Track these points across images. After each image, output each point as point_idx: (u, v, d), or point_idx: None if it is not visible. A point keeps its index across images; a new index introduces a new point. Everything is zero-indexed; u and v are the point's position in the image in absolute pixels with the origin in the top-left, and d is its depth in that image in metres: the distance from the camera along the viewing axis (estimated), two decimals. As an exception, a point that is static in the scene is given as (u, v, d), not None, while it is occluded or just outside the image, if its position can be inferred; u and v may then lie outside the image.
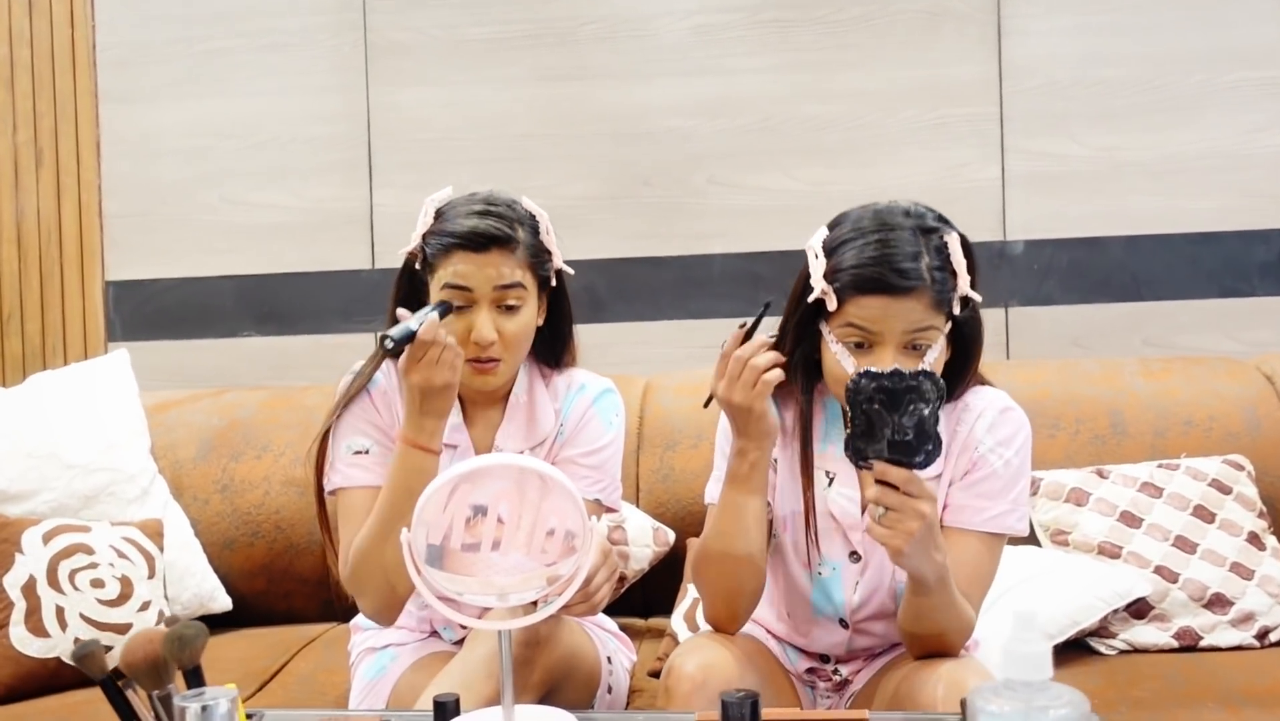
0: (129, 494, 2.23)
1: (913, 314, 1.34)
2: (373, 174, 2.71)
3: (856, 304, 1.36)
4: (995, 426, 1.47)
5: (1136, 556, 1.96)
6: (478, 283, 1.52)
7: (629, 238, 2.64)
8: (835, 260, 1.38)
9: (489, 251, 1.52)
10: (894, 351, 1.35)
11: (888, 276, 1.33)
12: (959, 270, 1.38)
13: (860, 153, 2.58)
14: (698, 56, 2.62)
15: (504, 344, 1.54)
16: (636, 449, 2.31)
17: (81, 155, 2.79)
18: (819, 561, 1.50)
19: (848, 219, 1.42)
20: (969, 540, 1.45)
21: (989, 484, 1.45)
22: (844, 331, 1.37)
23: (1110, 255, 2.53)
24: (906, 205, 1.42)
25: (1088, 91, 2.53)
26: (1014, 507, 1.45)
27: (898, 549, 1.26)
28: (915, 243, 1.36)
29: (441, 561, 1.17)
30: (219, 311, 2.75)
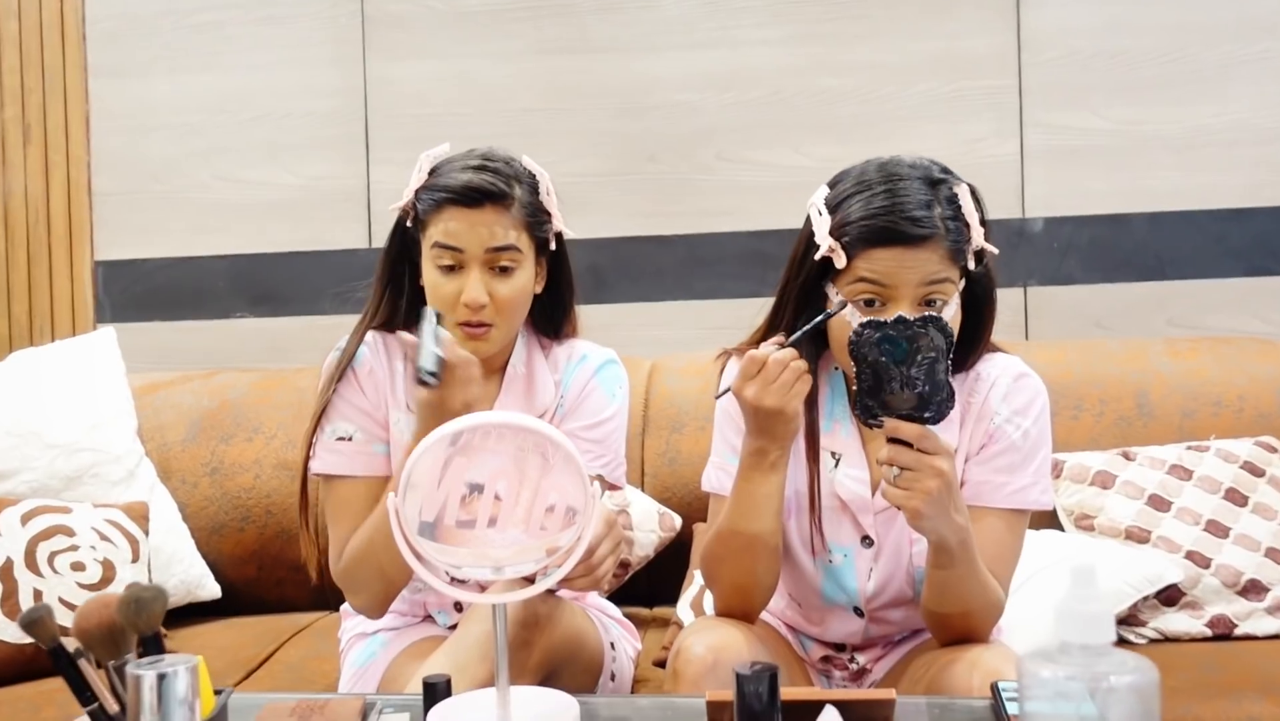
0: (114, 475, 2.14)
1: (928, 265, 1.26)
2: (369, 150, 2.62)
3: (867, 258, 1.27)
4: (1010, 395, 1.38)
5: (1166, 541, 1.86)
6: (468, 242, 1.43)
7: (634, 215, 2.55)
8: (841, 214, 1.29)
9: (482, 208, 1.43)
10: (909, 307, 1.26)
11: (900, 225, 1.25)
12: (971, 221, 1.30)
13: (873, 127, 2.49)
14: (706, 28, 2.53)
15: (496, 308, 1.45)
16: (642, 431, 2.22)
17: (70, 131, 2.71)
18: (826, 549, 1.41)
19: (849, 174, 1.34)
20: (990, 518, 1.36)
21: (1008, 456, 1.36)
22: (855, 288, 1.28)
23: (1133, 233, 2.44)
24: (911, 159, 1.34)
25: (1109, 63, 2.44)
26: (1036, 480, 1.36)
27: (915, 510, 1.18)
28: (925, 191, 1.28)
29: (434, 536, 1.09)
30: (211, 292, 2.67)
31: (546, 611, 1.38)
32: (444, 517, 1.09)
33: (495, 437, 1.12)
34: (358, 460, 1.52)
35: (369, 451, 1.53)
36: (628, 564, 2.07)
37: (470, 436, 1.10)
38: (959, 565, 1.25)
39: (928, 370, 1.16)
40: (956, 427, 1.38)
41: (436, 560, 1.08)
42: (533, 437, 1.09)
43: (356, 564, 1.46)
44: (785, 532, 1.41)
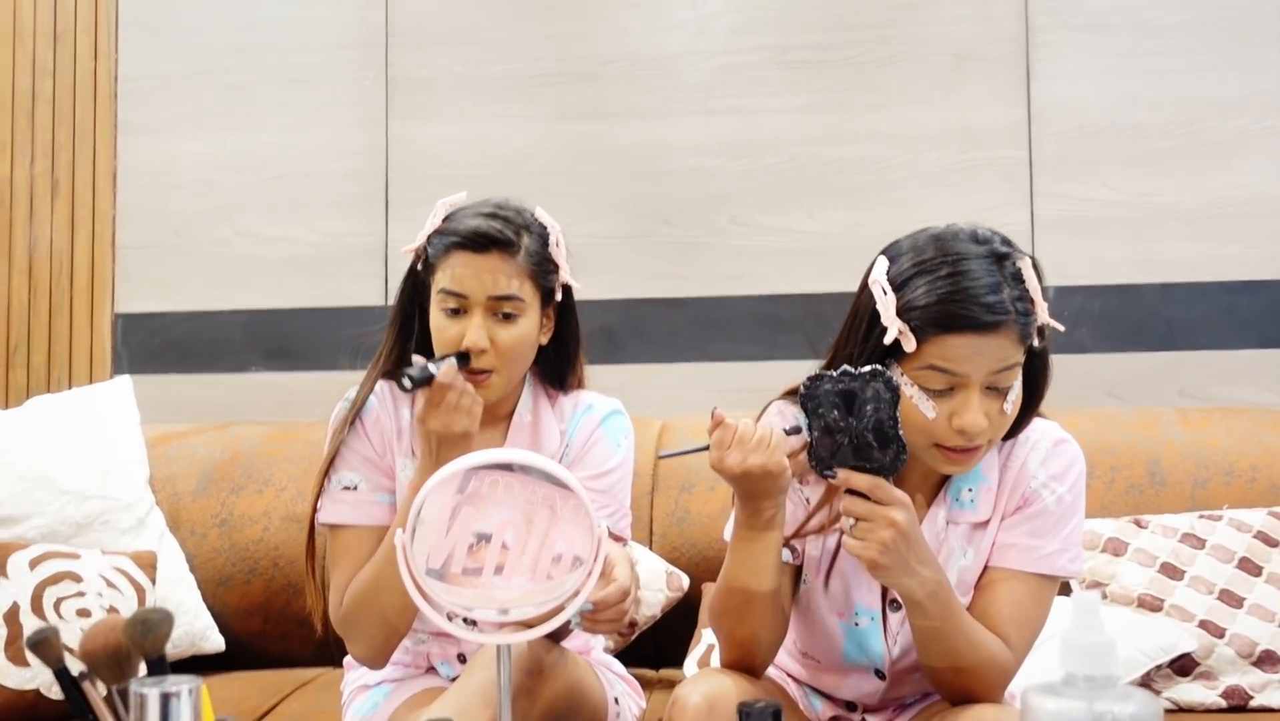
0: (123, 523, 2.15)
1: (1000, 350, 1.23)
2: (389, 209, 2.67)
3: (939, 343, 1.23)
4: (1049, 460, 1.37)
5: (1179, 609, 1.85)
6: (472, 288, 1.46)
7: (648, 277, 2.58)
8: (906, 296, 1.25)
9: (488, 254, 1.46)
10: (979, 394, 1.24)
11: (974, 312, 1.22)
12: (1036, 297, 1.27)
13: (886, 194, 2.53)
14: (721, 95, 2.58)
15: (497, 353, 1.47)
16: (651, 490, 2.22)
17: (98, 186, 2.77)
18: (853, 611, 1.39)
19: (905, 248, 1.30)
20: (1015, 581, 1.34)
21: (1039, 520, 1.35)
22: (923, 374, 1.25)
23: (1145, 303, 2.45)
24: (969, 229, 1.30)
25: (1120, 135, 2.48)
26: (1066, 547, 1.35)
27: (872, 560, 1.19)
28: (993, 271, 1.24)
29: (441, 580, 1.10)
30: (227, 345, 2.70)
31: (550, 661, 1.37)
32: (451, 565, 1.10)
33: (504, 488, 1.13)
34: (362, 510, 1.54)
35: (373, 501, 1.54)
36: (635, 623, 2.06)
37: (479, 485, 1.11)
38: (933, 618, 1.24)
39: (876, 422, 1.17)
40: (994, 491, 1.37)
41: (442, 599, 1.08)
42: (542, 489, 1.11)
43: (358, 607, 1.46)
44: (810, 592, 1.41)
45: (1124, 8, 2.49)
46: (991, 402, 1.25)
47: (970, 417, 1.23)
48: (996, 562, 1.35)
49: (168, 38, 2.75)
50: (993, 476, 1.37)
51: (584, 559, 1.09)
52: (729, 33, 2.59)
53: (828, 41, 2.56)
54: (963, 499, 1.37)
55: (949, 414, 1.25)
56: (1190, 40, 2.46)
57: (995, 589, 1.34)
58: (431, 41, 2.67)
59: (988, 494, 1.36)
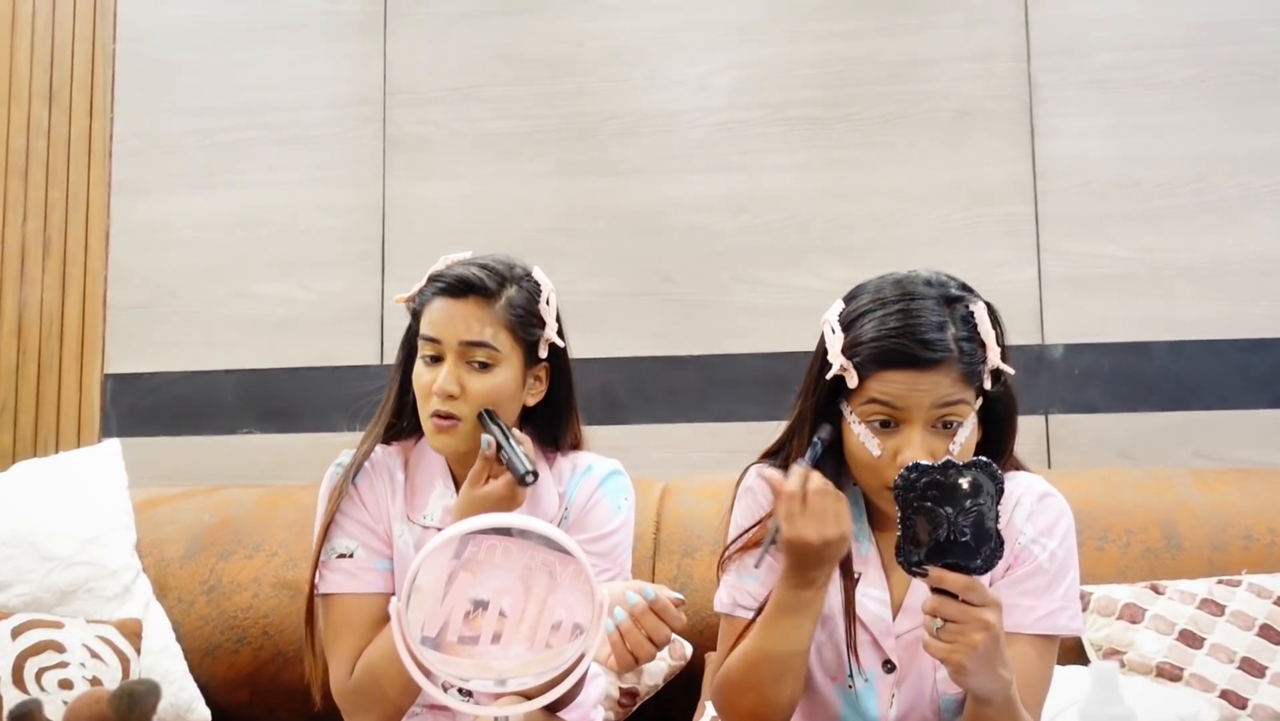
0: (109, 591, 2.13)
1: (940, 387, 1.26)
2: (385, 267, 2.69)
3: (879, 379, 1.28)
4: (1035, 515, 1.37)
5: (1200, 679, 1.82)
6: (445, 333, 1.48)
7: (649, 336, 2.59)
8: (854, 333, 1.30)
9: (466, 300, 1.48)
10: (921, 430, 1.26)
11: (911, 348, 1.26)
12: (988, 341, 1.30)
13: (890, 251, 2.54)
14: (723, 153, 2.61)
15: (466, 400, 1.47)
16: (653, 554, 2.21)
17: (90, 245, 2.79)
18: (847, 674, 1.38)
19: (865, 290, 1.36)
20: (1018, 645, 1.33)
21: (1035, 580, 1.35)
22: (867, 409, 1.29)
23: (1155, 361, 2.46)
24: (927, 274, 1.35)
25: (1126, 192, 2.50)
26: (1065, 605, 1.34)
27: (960, 665, 1.15)
28: (940, 312, 1.29)
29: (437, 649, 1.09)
30: (219, 406, 2.70)
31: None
32: (447, 633, 1.09)
33: (501, 554, 1.12)
34: (360, 577, 1.53)
35: (370, 568, 1.53)
36: (635, 693, 2.03)
37: (476, 550, 1.10)
38: (999, 716, 1.22)
39: (976, 517, 1.14)
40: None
41: (439, 670, 1.07)
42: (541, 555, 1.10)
43: (364, 684, 1.45)
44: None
45: (1128, 63, 2.52)
46: (938, 441, 1.27)
47: (910, 453, 1.25)
48: None
49: (163, 96, 2.78)
50: None
51: (584, 626, 1.08)
52: (730, 90, 2.63)
53: (829, 98, 2.59)
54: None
55: (894, 451, 1.27)
56: (1196, 97, 2.49)
57: None
58: (429, 99, 2.70)
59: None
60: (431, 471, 1.57)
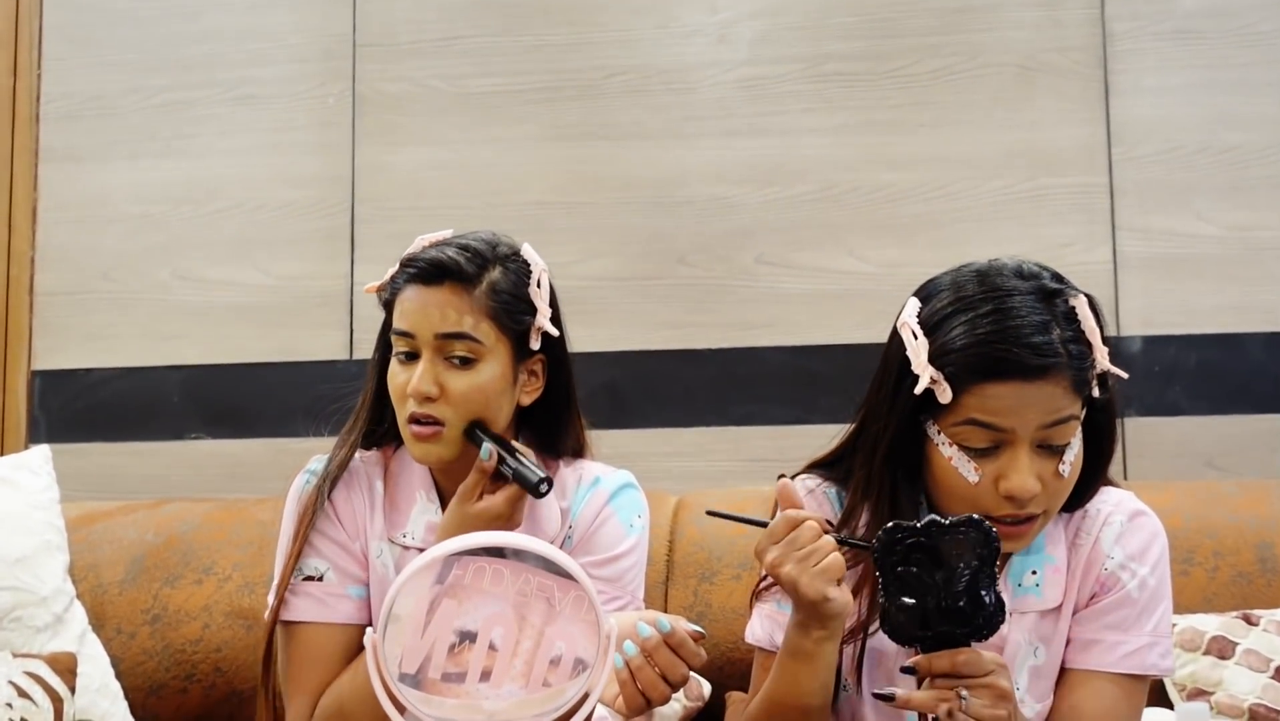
0: (38, 620, 2.15)
1: (1051, 400, 1.26)
2: (355, 247, 2.70)
3: (978, 394, 1.26)
4: (1124, 537, 1.39)
5: (1300, 723, 1.84)
6: (419, 326, 1.49)
7: (661, 326, 2.60)
8: (940, 339, 1.29)
9: (440, 286, 1.49)
10: (1028, 452, 1.26)
11: (1019, 355, 1.24)
12: (1094, 340, 1.30)
13: (941, 229, 2.55)
14: (746, 114, 2.62)
15: (448, 402, 1.48)
16: (665, 580, 2.22)
17: (15, 222, 2.81)
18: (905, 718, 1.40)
19: (943, 286, 1.35)
20: (1100, 684, 1.35)
21: (1122, 611, 1.37)
22: (962, 431, 1.28)
23: (1249, 356, 2.47)
24: (1014, 263, 1.35)
25: (1215, 160, 2.51)
26: (1155, 641, 1.37)
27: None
28: (1040, 310, 1.28)
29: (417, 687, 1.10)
30: (163, 408, 2.72)
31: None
32: (428, 670, 1.11)
33: (491, 578, 1.14)
34: (329, 604, 1.54)
35: (341, 594, 1.55)
36: (646, 740, 2.05)
37: (462, 574, 1.12)
38: None
39: (969, 582, 1.15)
40: (1063, 572, 1.38)
41: (420, 711, 1.08)
42: (537, 578, 1.11)
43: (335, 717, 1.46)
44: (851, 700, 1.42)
45: (1218, 9, 2.53)
46: (1045, 463, 1.27)
47: (1019, 480, 1.25)
48: (1076, 664, 1.37)
49: (98, 51, 2.80)
50: (1059, 555, 1.39)
51: (588, 661, 1.09)
52: (754, 41, 2.64)
53: (871, 51, 2.60)
54: (1026, 583, 1.38)
55: (995, 477, 1.27)
56: (1296, 49, 2.51)
57: (1079, 697, 1.35)
58: (406, 53, 2.72)
59: (1055, 575, 1.38)
60: (413, 483, 1.58)
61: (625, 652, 1.22)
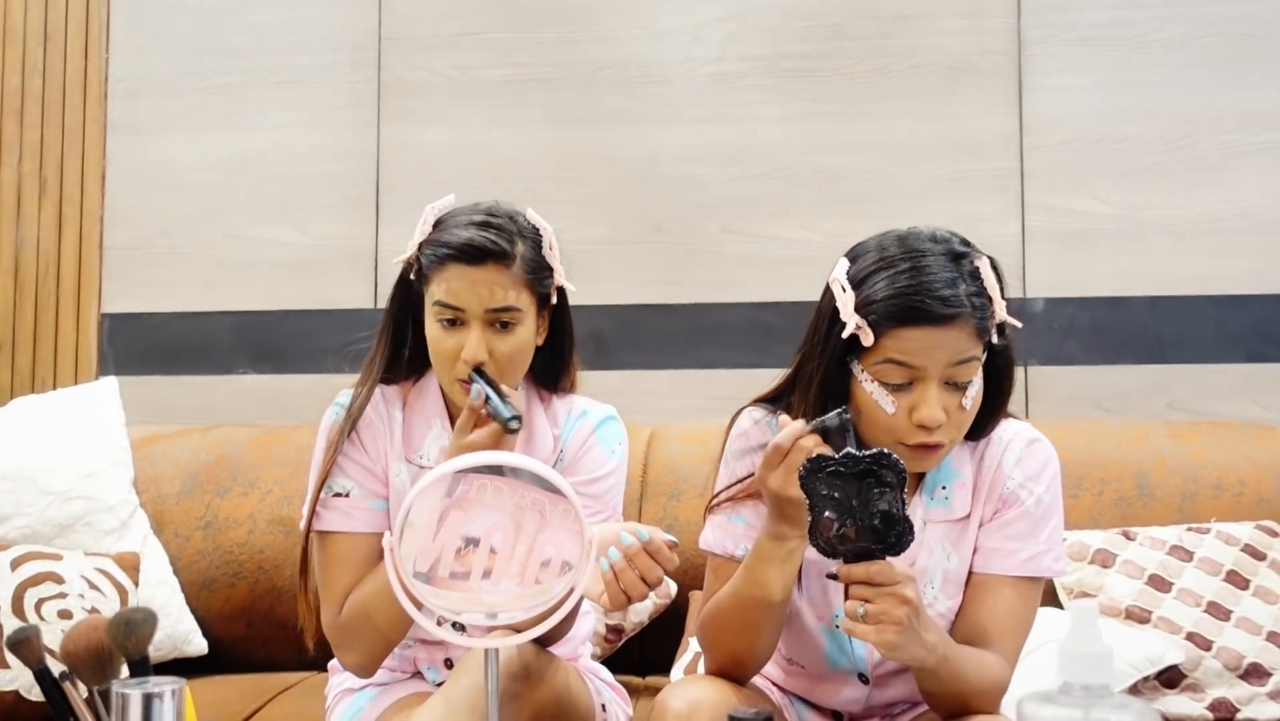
0: (106, 525, 2.13)
1: (957, 344, 1.25)
2: (379, 212, 2.66)
3: (896, 337, 1.25)
4: (1023, 460, 1.38)
5: (1167, 621, 1.85)
6: (469, 301, 1.44)
7: (639, 284, 2.57)
8: (865, 291, 1.28)
9: (484, 266, 1.44)
10: (937, 387, 1.26)
11: (930, 305, 1.24)
12: (994, 295, 1.29)
13: (878, 204, 2.53)
14: (715, 104, 2.58)
15: (496, 365, 1.46)
16: (640, 497, 2.21)
17: (86, 186, 2.75)
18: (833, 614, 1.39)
19: (868, 248, 1.34)
20: (1002, 586, 1.35)
21: (1020, 524, 1.36)
22: (881, 369, 1.27)
23: (1134, 316, 2.46)
24: (929, 230, 1.34)
25: (1111, 149, 2.48)
26: (1049, 548, 1.36)
27: (889, 643, 1.16)
28: (950, 268, 1.27)
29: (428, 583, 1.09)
30: (215, 347, 2.68)
31: (539, 667, 1.36)
32: (438, 569, 1.09)
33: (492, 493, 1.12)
34: (354, 516, 1.52)
35: (366, 507, 1.53)
36: (621, 630, 2.05)
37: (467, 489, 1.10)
38: (943, 677, 1.24)
39: (882, 505, 1.14)
40: (970, 495, 1.38)
41: (430, 603, 1.07)
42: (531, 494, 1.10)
43: (355, 619, 1.45)
44: (791, 598, 1.40)
45: (1117, 20, 2.50)
46: (950, 397, 1.27)
47: (928, 411, 1.25)
48: (981, 569, 1.36)
49: (159, 38, 2.73)
50: (966, 472, 1.38)
51: (573, 563, 1.08)
52: (723, 41, 2.59)
53: (822, 51, 2.56)
54: (937, 497, 1.38)
55: (908, 408, 1.27)
56: (1182, 55, 2.47)
57: (984, 597, 1.34)
58: (424, 46, 2.66)
59: (962, 490, 1.38)
60: (429, 413, 1.56)
61: (610, 557, 1.21)
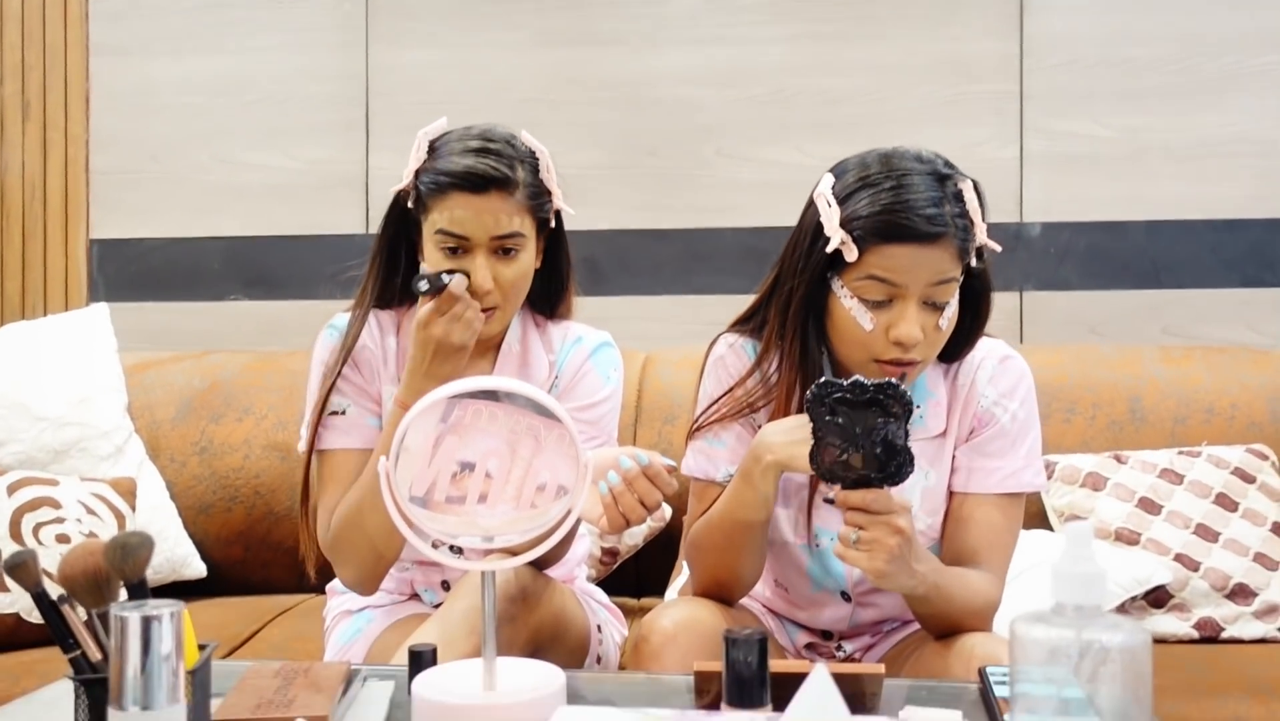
0: (101, 450, 2.13)
1: (939, 263, 1.25)
2: (369, 136, 2.62)
3: (879, 253, 1.26)
4: (996, 377, 1.38)
5: (1155, 543, 1.87)
6: (474, 230, 1.43)
7: (632, 209, 2.55)
8: (850, 207, 1.28)
9: (487, 194, 1.42)
10: (915, 306, 1.26)
11: (915, 222, 1.24)
12: (975, 218, 1.29)
13: (875, 128, 2.49)
14: (710, 24, 2.53)
15: (501, 291, 1.45)
16: (634, 422, 2.22)
17: (70, 109, 2.70)
18: (813, 533, 1.41)
19: (852, 164, 1.33)
20: (984, 504, 1.36)
21: (998, 441, 1.37)
22: (862, 285, 1.27)
23: (1130, 240, 2.45)
24: (914, 151, 1.33)
25: (1112, 71, 2.45)
26: (1027, 463, 1.37)
27: (879, 571, 1.16)
28: (935, 188, 1.27)
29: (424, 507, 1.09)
30: (206, 273, 2.66)
31: (535, 588, 1.38)
32: (434, 493, 1.09)
33: (487, 418, 1.12)
34: (350, 433, 1.52)
35: (361, 424, 1.53)
36: (616, 552, 2.07)
37: (462, 414, 1.10)
38: (934, 601, 1.26)
39: (884, 434, 1.14)
40: (945, 413, 1.38)
41: (426, 526, 1.08)
42: (526, 419, 1.10)
43: (344, 530, 1.45)
44: (775, 516, 1.41)
45: (1120, -61, 2.45)
46: (928, 317, 1.27)
47: (905, 329, 1.25)
48: (962, 488, 1.37)
49: (140, -45, 2.66)
50: (941, 393, 1.39)
51: (569, 488, 1.08)
52: (718, -41, 2.53)
53: (818, -31, 2.51)
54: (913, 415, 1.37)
55: (886, 326, 1.27)
56: (1186, -27, 2.43)
57: (967, 516, 1.36)
58: (413, -37, 2.60)
59: (937, 408, 1.38)
60: None
61: (610, 481, 1.21)
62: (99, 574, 0.83)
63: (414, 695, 1.02)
